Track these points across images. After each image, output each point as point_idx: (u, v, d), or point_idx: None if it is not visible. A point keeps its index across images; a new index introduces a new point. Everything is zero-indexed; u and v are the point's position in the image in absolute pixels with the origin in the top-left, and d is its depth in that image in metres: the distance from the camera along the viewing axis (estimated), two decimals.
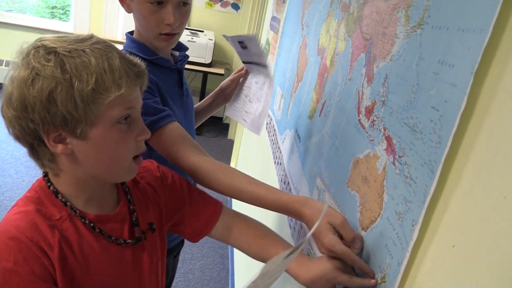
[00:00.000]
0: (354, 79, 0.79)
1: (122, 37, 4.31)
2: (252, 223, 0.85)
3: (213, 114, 1.41)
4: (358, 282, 0.66)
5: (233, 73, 1.35)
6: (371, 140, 0.70)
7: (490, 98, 0.44)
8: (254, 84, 1.26)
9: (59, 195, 0.67)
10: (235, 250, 2.42)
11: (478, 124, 0.45)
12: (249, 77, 1.29)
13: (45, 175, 0.70)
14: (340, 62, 0.88)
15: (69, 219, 0.67)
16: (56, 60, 0.60)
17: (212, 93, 1.37)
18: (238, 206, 1.20)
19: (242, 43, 1.18)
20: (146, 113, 0.89)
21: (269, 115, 1.81)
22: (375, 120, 0.69)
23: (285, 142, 1.37)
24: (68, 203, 0.68)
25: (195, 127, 1.23)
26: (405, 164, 0.59)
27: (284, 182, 1.27)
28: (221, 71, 4.37)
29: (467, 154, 0.46)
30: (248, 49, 1.19)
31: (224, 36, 1.24)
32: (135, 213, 0.76)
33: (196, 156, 0.86)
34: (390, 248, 0.60)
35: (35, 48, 0.62)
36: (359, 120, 0.75)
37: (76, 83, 0.60)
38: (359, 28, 0.80)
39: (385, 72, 0.67)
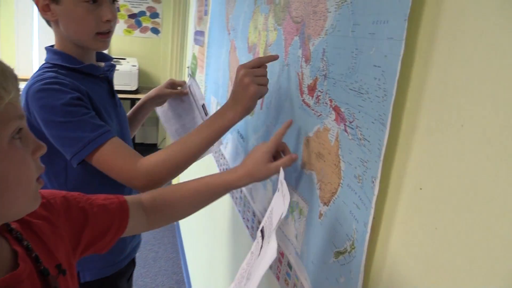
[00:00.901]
0: (292, 63, 0.80)
1: None
2: (160, 191, 0.83)
3: (144, 121, 1.34)
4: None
5: (169, 82, 1.29)
6: (318, 116, 0.71)
7: (429, 39, 0.46)
8: (195, 109, 1.26)
9: None
10: (191, 274, 2.33)
11: (422, 64, 0.47)
12: (185, 102, 1.28)
13: None
14: (274, 52, 0.90)
15: None
16: None
17: (145, 97, 1.30)
18: None
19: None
20: (84, 129, 0.84)
21: None
22: (319, 96, 0.70)
23: (228, 147, 1.36)
24: None
25: (131, 137, 1.20)
26: (356, 128, 0.60)
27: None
28: None
29: (418, 94, 0.48)
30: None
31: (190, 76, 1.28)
32: (40, 262, 0.61)
33: (144, 159, 0.84)
34: (355, 213, 0.60)
35: None
36: (303, 100, 0.76)
37: None
38: (288, 14, 0.82)
39: (321, 47, 0.69)
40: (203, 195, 0.81)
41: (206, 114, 1.23)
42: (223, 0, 1.50)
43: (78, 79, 0.92)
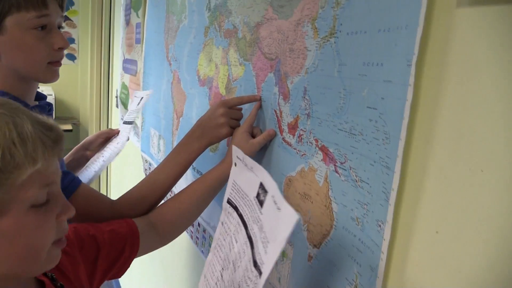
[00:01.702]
0: (267, 100, 0.78)
1: None
2: (164, 205, 0.85)
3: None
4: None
5: (102, 131, 1.23)
6: (302, 155, 0.69)
7: (436, 83, 0.47)
8: (115, 145, 1.16)
9: None
10: None
11: (430, 108, 0.47)
12: (115, 139, 1.18)
13: None
14: (243, 87, 0.87)
15: None
16: None
17: (73, 150, 1.20)
18: None
19: (140, 99, 1.15)
20: None
21: (147, 160, 1.69)
22: (302, 134, 0.69)
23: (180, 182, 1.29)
24: None
25: None
26: (350, 169, 0.59)
27: (192, 225, 1.18)
28: (68, 126, 3.97)
29: (426, 140, 0.48)
30: (138, 105, 1.15)
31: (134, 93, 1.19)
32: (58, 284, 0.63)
33: (117, 203, 0.84)
34: (355, 256, 0.59)
35: None
36: (283, 138, 0.74)
37: None
38: (258, 50, 0.80)
39: (302, 85, 0.68)
40: (203, 194, 0.83)
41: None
42: (161, 29, 1.44)
43: None
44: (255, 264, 0.54)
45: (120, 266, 0.77)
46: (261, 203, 0.56)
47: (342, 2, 0.59)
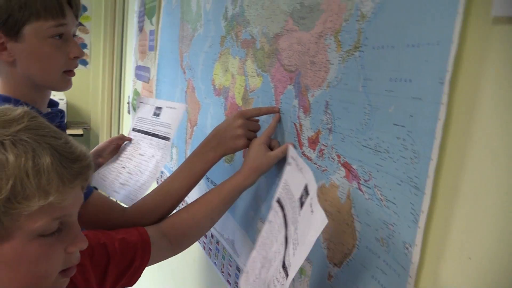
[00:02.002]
0: (286, 113, 0.77)
1: None
2: (177, 215, 0.84)
3: None
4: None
5: (113, 138, 1.22)
6: (323, 171, 0.67)
7: (470, 103, 0.45)
8: (137, 156, 1.13)
9: None
10: None
11: (464, 128, 0.45)
12: (131, 147, 1.16)
13: None
14: (260, 98, 0.85)
15: None
16: None
17: None
18: None
19: (158, 109, 1.10)
20: None
21: None
22: (323, 149, 0.67)
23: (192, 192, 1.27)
24: None
25: None
26: (375, 187, 0.57)
27: (205, 236, 1.16)
28: (79, 131, 3.99)
29: (460, 161, 0.46)
30: (159, 117, 1.10)
31: (140, 99, 1.14)
32: None
33: (129, 212, 0.84)
34: (379, 278, 0.57)
35: None
36: (302, 152, 0.72)
37: None
38: (277, 61, 0.79)
39: (324, 99, 0.66)
40: (217, 205, 0.81)
41: (158, 116, 1.13)
42: (175, 37, 1.43)
43: None
44: (283, 265, 0.54)
45: (130, 275, 0.76)
46: (302, 205, 0.57)
47: (367, 15, 0.57)
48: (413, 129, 0.51)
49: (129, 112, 2.48)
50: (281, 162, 0.79)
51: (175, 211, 0.86)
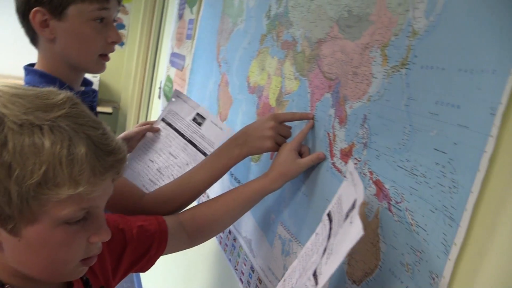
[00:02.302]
0: (320, 120, 0.75)
1: None
2: (198, 206, 0.84)
3: None
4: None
5: (139, 124, 1.21)
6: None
7: None
8: (168, 154, 1.13)
9: (6, 286, 0.51)
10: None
11: (510, 164, 0.43)
12: (159, 141, 1.16)
13: None
14: (294, 102, 0.84)
15: None
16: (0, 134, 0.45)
17: None
18: None
19: (200, 118, 1.08)
20: None
21: None
22: (355, 163, 0.65)
23: (215, 186, 1.28)
24: None
25: None
26: (406, 210, 0.55)
27: (223, 231, 1.16)
28: (109, 109, 4.06)
29: (502, 198, 0.44)
30: (201, 128, 1.08)
31: (178, 92, 1.12)
32: (90, 285, 0.64)
33: (148, 197, 0.84)
34: None
35: None
36: (333, 163, 0.71)
37: (17, 171, 0.44)
38: (317, 67, 0.77)
39: (362, 113, 0.64)
40: (240, 204, 0.81)
41: (199, 125, 1.11)
42: (214, 29, 1.43)
43: None
44: (314, 273, 0.53)
45: (144, 263, 0.77)
46: (346, 217, 0.56)
47: (419, 32, 0.55)
48: (455, 157, 0.49)
49: (159, 97, 2.51)
50: (311, 170, 0.77)
51: (196, 203, 0.86)
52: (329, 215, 0.65)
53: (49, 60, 0.88)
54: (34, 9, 0.81)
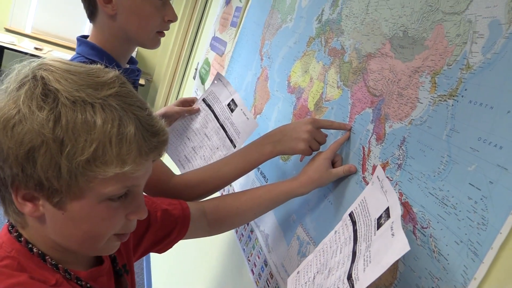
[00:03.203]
0: (357, 133, 0.77)
1: (30, 31, 3.86)
2: (222, 197, 0.86)
3: None
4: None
5: (180, 101, 1.23)
6: None
7: None
8: (203, 135, 1.16)
9: (47, 257, 0.54)
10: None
11: None
12: (198, 120, 1.18)
13: (12, 228, 0.55)
14: (333, 110, 0.86)
15: (65, 282, 0.54)
16: (51, 109, 0.46)
17: None
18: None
19: (234, 104, 1.10)
20: None
21: None
22: None
23: (241, 179, 1.31)
24: (59, 266, 0.54)
25: None
26: (430, 237, 0.57)
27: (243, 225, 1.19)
28: (142, 81, 4.15)
29: None
30: (232, 114, 1.09)
31: (219, 76, 1.13)
32: (117, 262, 0.66)
33: (177, 179, 0.86)
34: None
35: (33, 80, 0.47)
36: (363, 177, 0.72)
37: (68, 147, 0.46)
38: (362, 81, 0.78)
39: (401, 134, 0.66)
40: (265, 202, 0.82)
41: (232, 111, 1.13)
42: (261, 22, 1.44)
43: None
44: (349, 277, 0.55)
45: (164, 245, 0.79)
46: (379, 225, 0.57)
47: (474, 67, 0.56)
48: (489, 195, 0.50)
49: (194, 78, 2.54)
50: (340, 181, 0.79)
51: (220, 194, 0.88)
52: (351, 215, 0.67)
53: (105, 35, 0.90)
54: None
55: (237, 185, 1.27)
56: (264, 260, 0.99)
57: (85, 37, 0.95)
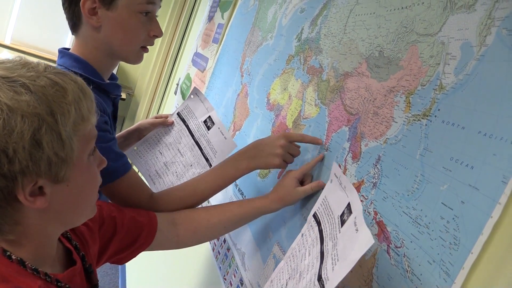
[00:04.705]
0: (333, 151, 0.77)
1: (10, 42, 3.80)
2: (194, 209, 0.87)
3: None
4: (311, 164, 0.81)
5: (154, 117, 1.22)
6: None
7: None
8: (176, 150, 1.14)
9: (27, 263, 0.55)
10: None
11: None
12: (172, 136, 1.17)
13: None
14: (311, 128, 0.86)
15: (47, 287, 0.56)
16: (28, 92, 0.49)
17: (126, 131, 1.21)
18: None
19: (211, 121, 1.09)
20: (107, 158, 0.77)
21: None
22: (362, 201, 0.67)
23: (218, 195, 1.29)
24: (40, 270, 0.56)
25: None
26: (404, 256, 0.57)
27: (217, 238, 1.18)
28: (123, 95, 4.10)
29: (500, 263, 0.45)
30: (209, 132, 1.09)
31: (196, 90, 1.13)
32: (86, 260, 0.68)
33: (157, 198, 0.86)
34: None
35: None
36: None
37: (59, 116, 0.50)
38: (339, 99, 0.79)
39: (377, 153, 0.66)
40: (236, 217, 0.84)
41: (208, 128, 1.12)
42: (243, 39, 1.45)
43: (99, 96, 0.84)
44: (319, 278, 0.55)
45: (127, 254, 0.79)
46: (342, 222, 0.58)
47: (447, 88, 0.57)
48: (460, 215, 0.50)
49: (175, 93, 2.53)
50: (316, 198, 0.79)
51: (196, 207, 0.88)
52: (315, 216, 0.68)
53: (88, 48, 0.89)
54: None
55: (214, 201, 1.25)
56: (240, 278, 0.97)
57: (67, 49, 0.93)
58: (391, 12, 0.72)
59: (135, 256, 0.81)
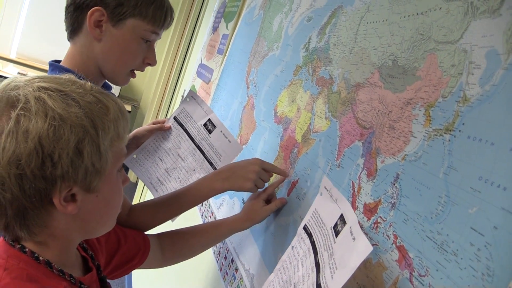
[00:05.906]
0: (346, 168, 0.72)
1: (15, 56, 3.81)
2: (177, 232, 0.94)
3: None
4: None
5: (151, 123, 1.20)
6: (373, 245, 0.62)
7: None
8: (176, 156, 1.10)
9: (53, 265, 0.58)
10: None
11: None
12: (169, 140, 1.13)
13: (21, 246, 0.58)
14: (321, 143, 0.81)
15: None
16: (77, 106, 0.54)
17: None
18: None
19: (211, 124, 1.07)
20: None
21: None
22: (379, 222, 0.61)
23: (222, 208, 1.24)
24: (65, 272, 0.59)
25: None
26: (429, 286, 0.51)
27: (225, 258, 1.12)
28: (128, 107, 4.09)
29: None
30: (210, 136, 1.08)
31: (192, 93, 1.11)
32: (101, 270, 0.72)
33: (133, 213, 0.89)
34: None
35: (40, 91, 0.53)
36: None
37: (100, 131, 0.55)
38: (351, 112, 0.74)
39: (395, 171, 0.61)
40: (212, 237, 0.93)
41: (209, 132, 1.08)
42: (248, 49, 1.41)
43: None
44: (318, 287, 0.56)
45: (123, 271, 0.84)
46: (337, 233, 0.59)
47: (471, 99, 0.52)
48: (494, 242, 0.45)
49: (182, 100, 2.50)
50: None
51: (176, 229, 0.94)
52: (305, 228, 0.70)
53: (82, 57, 0.89)
54: (96, 7, 0.83)
55: (221, 215, 1.21)
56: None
57: (58, 61, 0.91)
58: (405, 19, 0.68)
59: (126, 274, 0.85)
